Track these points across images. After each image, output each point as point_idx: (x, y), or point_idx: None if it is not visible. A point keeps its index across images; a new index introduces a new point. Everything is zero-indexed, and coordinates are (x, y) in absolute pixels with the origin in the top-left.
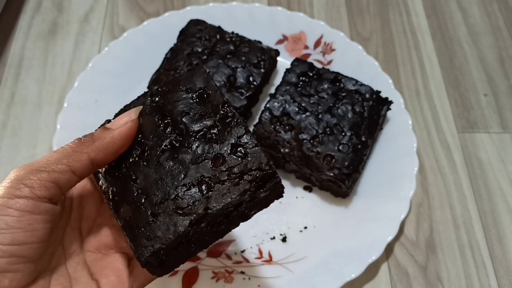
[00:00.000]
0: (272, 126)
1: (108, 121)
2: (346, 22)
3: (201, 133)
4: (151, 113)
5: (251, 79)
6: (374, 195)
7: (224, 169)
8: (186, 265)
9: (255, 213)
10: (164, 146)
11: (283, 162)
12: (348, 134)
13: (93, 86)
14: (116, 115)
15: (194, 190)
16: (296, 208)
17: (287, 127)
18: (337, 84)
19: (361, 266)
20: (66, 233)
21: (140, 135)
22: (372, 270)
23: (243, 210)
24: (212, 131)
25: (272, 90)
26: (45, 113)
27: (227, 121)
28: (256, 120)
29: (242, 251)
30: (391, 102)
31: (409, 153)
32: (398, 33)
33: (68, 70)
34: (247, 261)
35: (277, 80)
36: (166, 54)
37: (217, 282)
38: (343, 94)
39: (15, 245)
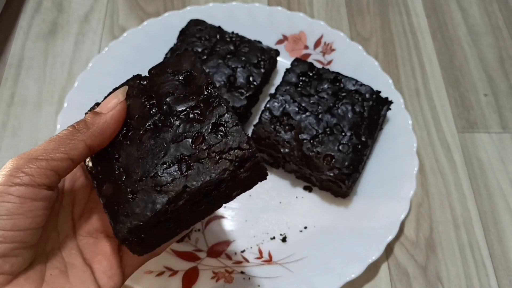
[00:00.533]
0: (272, 126)
1: (97, 104)
2: (346, 22)
3: (184, 113)
4: (138, 95)
5: (251, 79)
6: (374, 195)
7: (204, 147)
8: (186, 265)
9: (237, 194)
10: (148, 126)
11: (283, 162)
12: (348, 134)
13: (93, 86)
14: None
15: (173, 168)
16: (296, 208)
17: (287, 127)
18: (337, 84)
19: (361, 266)
20: (60, 218)
21: (127, 116)
22: (372, 270)
23: (224, 190)
24: (195, 111)
25: (272, 90)
26: (45, 113)
27: (210, 101)
28: (256, 120)
29: (242, 251)
30: (391, 102)
31: (409, 153)
32: (398, 33)
33: (68, 70)
34: (247, 261)
35: (277, 80)
36: (166, 54)
37: (217, 282)
38: (343, 94)
39: (16, 231)
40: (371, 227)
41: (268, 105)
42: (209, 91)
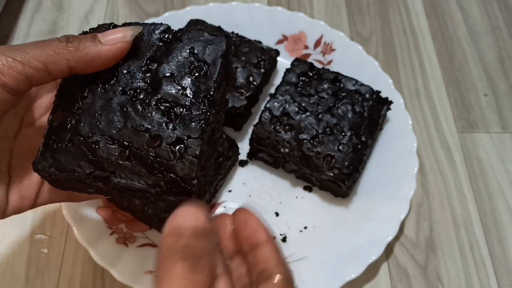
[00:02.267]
0: (272, 126)
1: (103, 27)
2: (346, 22)
3: (166, 104)
4: (146, 48)
5: (251, 79)
6: (374, 195)
7: (152, 153)
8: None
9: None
10: (127, 91)
11: (283, 162)
12: (348, 134)
13: None
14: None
15: (113, 148)
16: (296, 208)
17: (287, 127)
18: (337, 84)
19: (361, 266)
20: (8, 116)
21: (121, 61)
22: (372, 270)
23: (148, 196)
24: (177, 109)
25: (272, 90)
26: None
27: (195, 113)
28: (256, 120)
29: None
30: (391, 102)
31: (409, 153)
32: (398, 33)
33: None
34: None
35: (277, 80)
36: None
37: None
38: (343, 94)
39: None
40: (371, 227)
41: (268, 105)
42: (204, 102)
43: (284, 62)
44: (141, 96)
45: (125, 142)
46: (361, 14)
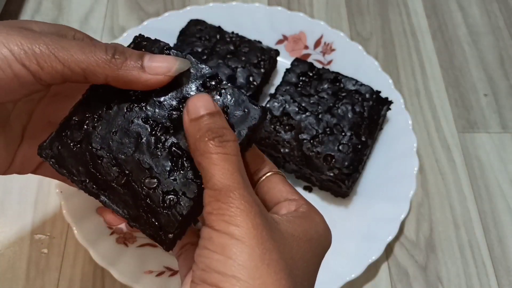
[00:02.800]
0: (272, 126)
1: (157, 45)
2: (346, 22)
3: (178, 151)
4: (186, 85)
5: (251, 79)
6: (374, 195)
7: (145, 192)
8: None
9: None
10: (151, 120)
11: (283, 162)
12: (348, 134)
13: None
14: (161, 50)
15: (114, 170)
16: None
17: (287, 127)
18: (337, 84)
19: (361, 266)
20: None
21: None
22: (372, 270)
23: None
24: (186, 161)
25: (272, 90)
26: None
27: (199, 174)
28: None
29: None
30: (391, 102)
31: (409, 153)
32: (398, 33)
33: None
34: None
35: (277, 80)
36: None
37: None
38: (343, 94)
39: None
40: (371, 227)
41: (268, 105)
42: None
43: (284, 62)
44: (159, 133)
45: (126, 170)
46: (361, 14)
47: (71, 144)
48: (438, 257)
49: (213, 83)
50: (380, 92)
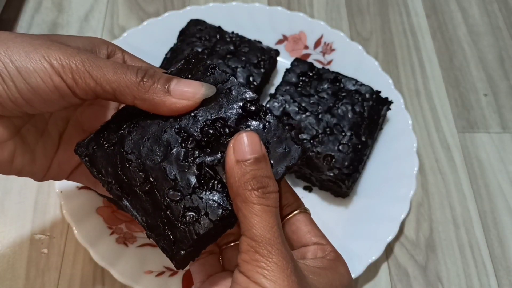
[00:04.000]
0: None
1: (204, 63)
2: (346, 22)
3: (209, 171)
4: (225, 104)
5: (251, 79)
6: (374, 195)
7: (166, 203)
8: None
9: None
10: (183, 132)
11: None
12: (348, 134)
13: None
14: (189, 62)
15: (139, 175)
16: None
17: (287, 127)
18: (337, 84)
19: (361, 266)
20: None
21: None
22: (372, 270)
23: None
24: (214, 183)
25: (272, 90)
26: None
27: (225, 201)
28: None
29: None
30: (391, 102)
31: (409, 153)
32: (398, 33)
33: None
34: None
35: (277, 80)
36: (166, 54)
37: None
38: (343, 94)
39: (28, 106)
40: (371, 227)
41: (268, 105)
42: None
43: (284, 62)
44: (190, 146)
45: (151, 178)
46: (361, 14)
47: (106, 145)
48: (438, 257)
49: (253, 108)
50: (380, 92)
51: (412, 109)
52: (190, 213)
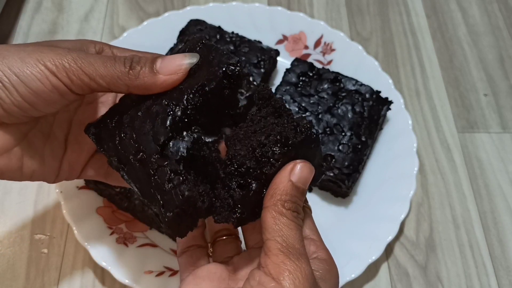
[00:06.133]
0: None
1: (194, 40)
2: (346, 22)
3: (196, 131)
4: (198, 83)
5: (251, 79)
6: (374, 195)
7: (153, 169)
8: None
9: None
10: (168, 102)
11: None
12: (348, 134)
13: None
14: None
15: (132, 145)
16: None
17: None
18: (337, 84)
19: (361, 266)
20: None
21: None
22: (372, 270)
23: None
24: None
25: (272, 90)
26: None
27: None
28: None
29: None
30: (391, 102)
31: (409, 153)
32: (398, 33)
33: None
34: None
35: (277, 80)
36: (166, 54)
37: None
38: (343, 94)
39: (30, 107)
40: (371, 227)
41: None
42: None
43: (284, 62)
44: (177, 114)
45: (141, 146)
46: (361, 14)
47: (109, 124)
48: (438, 257)
49: (233, 69)
50: (380, 92)
51: (412, 109)
52: (176, 176)
